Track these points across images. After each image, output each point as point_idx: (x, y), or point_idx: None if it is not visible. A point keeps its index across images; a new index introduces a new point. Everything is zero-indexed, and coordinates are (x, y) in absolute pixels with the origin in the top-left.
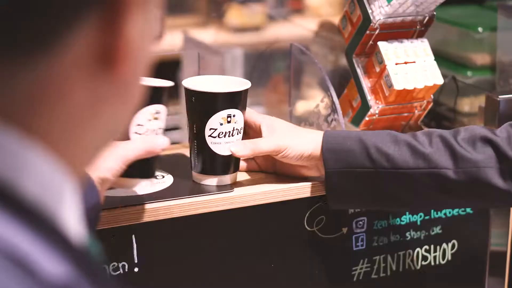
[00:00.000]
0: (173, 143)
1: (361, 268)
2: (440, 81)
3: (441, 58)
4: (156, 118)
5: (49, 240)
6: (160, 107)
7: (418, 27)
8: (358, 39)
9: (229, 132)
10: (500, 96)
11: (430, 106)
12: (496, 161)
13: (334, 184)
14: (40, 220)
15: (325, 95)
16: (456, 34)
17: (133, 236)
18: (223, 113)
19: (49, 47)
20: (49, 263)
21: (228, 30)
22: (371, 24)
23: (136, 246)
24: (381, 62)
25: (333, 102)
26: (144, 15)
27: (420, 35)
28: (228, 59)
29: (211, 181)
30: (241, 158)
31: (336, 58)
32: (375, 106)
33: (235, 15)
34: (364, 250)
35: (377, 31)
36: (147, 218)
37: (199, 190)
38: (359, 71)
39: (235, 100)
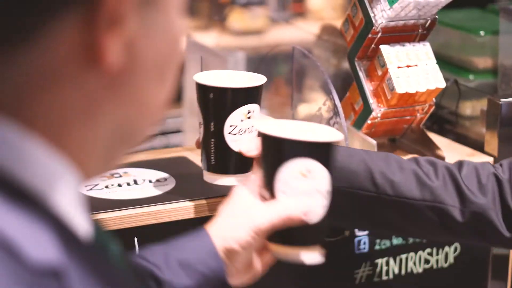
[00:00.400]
0: (175, 146)
1: (363, 271)
2: (442, 84)
3: (443, 61)
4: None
5: (41, 227)
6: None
7: (420, 30)
8: (360, 42)
9: (249, 128)
10: (502, 100)
11: (432, 110)
12: (500, 204)
13: (330, 202)
14: (34, 207)
15: (327, 98)
16: (458, 38)
17: (135, 239)
18: (244, 109)
19: (31, 41)
20: (37, 248)
21: (230, 34)
22: (373, 28)
23: (139, 249)
24: (383, 65)
25: (335, 105)
26: (144, 14)
27: (422, 38)
28: (230, 62)
29: (227, 180)
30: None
31: (338, 62)
32: (377, 110)
33: (237, 18)
34: (367, 253)
35: (379, 35)
36: (149, 220)
37: (201, 193)
38: (361, 74)
39: (254, 95)
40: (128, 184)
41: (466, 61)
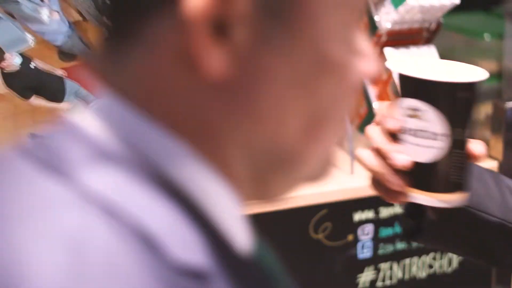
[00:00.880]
0: None
1: (366, 276)
2: None
3: None
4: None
5: (192, 230)
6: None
7: (425, 34)
8: None
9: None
10: (507, 104)
11: None
12: None
13: (437, 219)
14: (188, 210)
15: None
16: (462, 41)
17: None
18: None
19: (132, 36)
20: (182, 248)
21: None
22: (378, 31)
23: None
24: (387, 69)
25: None
26: (265, 28)
27: (427, 42)
28: None
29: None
30: None
31: None
32: None
33: None
34: (370, 257)
35: (383, 38)
36: None
37: None
38: None
39: None
40: None
41: None
